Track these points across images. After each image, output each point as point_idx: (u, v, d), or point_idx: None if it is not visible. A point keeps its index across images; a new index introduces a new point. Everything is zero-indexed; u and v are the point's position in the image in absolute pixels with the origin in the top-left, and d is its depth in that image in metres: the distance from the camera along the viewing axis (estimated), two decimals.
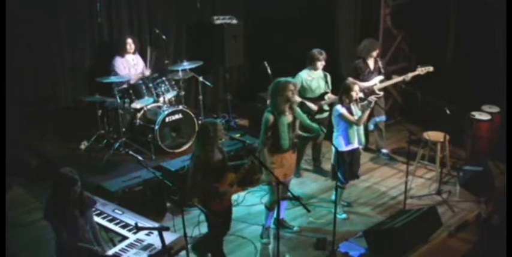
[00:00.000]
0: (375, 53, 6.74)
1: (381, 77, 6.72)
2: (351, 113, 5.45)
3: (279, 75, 6.50)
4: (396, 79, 6.68)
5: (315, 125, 5.26)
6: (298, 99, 6.04)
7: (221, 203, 4.65)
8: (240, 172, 4.72)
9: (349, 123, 5.43)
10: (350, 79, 6.65)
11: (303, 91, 6.21)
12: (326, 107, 6.37)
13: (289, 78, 5.19)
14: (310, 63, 6.24)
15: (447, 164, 6.74)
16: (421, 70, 6.57)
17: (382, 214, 5.90)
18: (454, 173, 6.72)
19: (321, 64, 6.23)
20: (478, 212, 5.77)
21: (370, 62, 6.80)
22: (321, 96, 6.31)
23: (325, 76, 6.35)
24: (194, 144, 4.78)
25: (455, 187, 6.34)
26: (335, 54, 7.70)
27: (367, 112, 5.44)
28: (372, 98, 5.48)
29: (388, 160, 7.19)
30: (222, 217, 4.71)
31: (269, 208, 5.29)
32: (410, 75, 6.58)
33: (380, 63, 6.81)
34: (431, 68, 6.57)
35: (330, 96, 6.33)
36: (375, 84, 6.67)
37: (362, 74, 6.76)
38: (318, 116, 6.25)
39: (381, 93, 6.73)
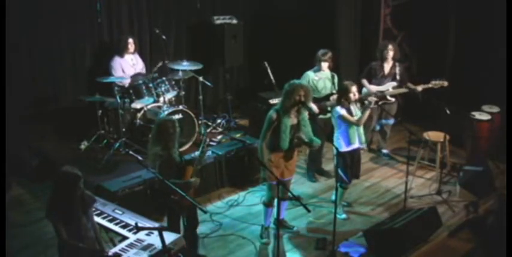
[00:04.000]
0: (389, 54, 6.66)
1: (394, 83, 6.68)
2: (350, 113, 5.45)
3: (278, 75, 6.54)
4: (405, 89, 6.64)
5: (315, 139, 5.19)
6: (313, 106, 6.05)
7: (194, 194, 4.77)
8: (196, 163, 4.76)
9: (350, 124, 5.43)
10: (365, 83, 6.62)
11: None
12: (329, 108, 6.36)
13: (304, 82, 5.16)
14: (317, 64, 6.25)
15: (447, 164, 6.74)
16: (434, 84, 6.50)
17: (382, 214, 5.91)
18: (454, 173, 6.72)
19: (325, 64, 6.22)
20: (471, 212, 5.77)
21: (387, 66, 6.73)
22: (327, 97, 6.29)
23: (333, 77, 6.33)
24: (152, 145, 4.63)
25: (455, 187, 6.34)
26: (335, 54, 7.68)
27: (367, 112, 5.43)
28: (371, 98, 5.47)
29: (388, 159, 7.20)
30: (192, 208, 4.78)
31: (267, 204, 5.31)
32: (420, 88, 6.54)
33: (398, 69, 6.72)
34: (445, 83, 6.49)
35: (335, 98, 6.33)
36: (387, 90, 6.64)
37: (375, 77, 6.74)
38: (322, 117, 6.25)
39: (392, 99, 6.71)
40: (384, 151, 7.29)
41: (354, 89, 5.41)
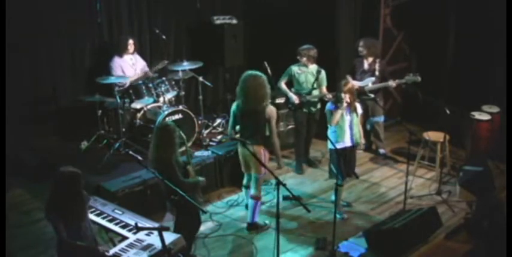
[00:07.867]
0: (361, 52, 6.79)
1: (373, 79, 6.73)
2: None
3: (279, 75, 6.57)
4: (381, 84, 6.73)
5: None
6: (293, 96, 6.31)
7: (201, 193, 4.91)
8: (192, 164, 4.93)
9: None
10: (349, 79, 6.68)
11: (291, 82, 6.53)
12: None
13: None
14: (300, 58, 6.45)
15: (447, 164, 6.74)
16: (407, 79, 6.58)
17: (382, 214, 5.90)
18: (454, 173, 6.72)
19: (304, 60, 6.38)
20: (466, 214, 5.76)
21: (366, 62, 6.85)
22: (310, 92, 6.46)
23: (318, 72, 6.42)
24: (157, 151, 4.60)
25: (455, 187, 6.34)
26: (335, 53, 7.70)
27: (336, 114, 5.43)
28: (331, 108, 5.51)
29: (385, 159, 7.18)
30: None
31: (256, 197, 5.40)
32: (394, 83, 6.63)
33: (377, 65, 6.80)
34: (418, 79, 6.53)
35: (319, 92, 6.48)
36: (366, 85, 6.70)
37: (357, 73, 6.85)
38: (305, 110, 6.49)
39: (371, 95, 6.74)
40: (381, 150, 7.27)
41: (345, 89, 5.39)
